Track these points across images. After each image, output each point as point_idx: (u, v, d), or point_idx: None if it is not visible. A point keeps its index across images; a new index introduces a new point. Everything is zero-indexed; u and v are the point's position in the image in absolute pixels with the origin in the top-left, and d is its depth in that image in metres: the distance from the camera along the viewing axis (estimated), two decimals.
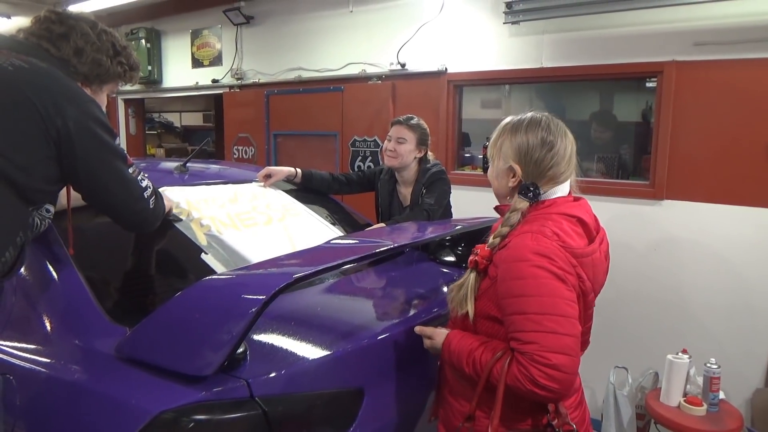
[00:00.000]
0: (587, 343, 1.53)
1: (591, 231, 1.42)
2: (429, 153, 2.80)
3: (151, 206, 1.63)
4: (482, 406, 1.40)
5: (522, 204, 1.39)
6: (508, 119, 1.48)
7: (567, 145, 1.42)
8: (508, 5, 3.37)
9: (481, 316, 1.42)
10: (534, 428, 1.39)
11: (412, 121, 2.72)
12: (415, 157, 2.73)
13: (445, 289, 2.18)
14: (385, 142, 2.75)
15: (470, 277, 1.42)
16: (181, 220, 1.98)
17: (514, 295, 1.29)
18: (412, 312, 1.86)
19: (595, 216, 1.49)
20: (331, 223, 2.44)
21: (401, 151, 2.68)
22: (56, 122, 1.37)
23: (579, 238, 1.37)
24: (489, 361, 1.33)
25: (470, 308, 1.41)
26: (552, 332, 1.23)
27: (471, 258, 1.43)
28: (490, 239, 1.42)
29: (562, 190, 1.43)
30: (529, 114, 1.45)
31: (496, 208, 1.53)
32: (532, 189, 1.39)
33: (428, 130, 2.78)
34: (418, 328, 1.59)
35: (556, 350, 1.22)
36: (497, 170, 1.47)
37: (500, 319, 1.36)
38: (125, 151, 1.58)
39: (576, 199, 1.46)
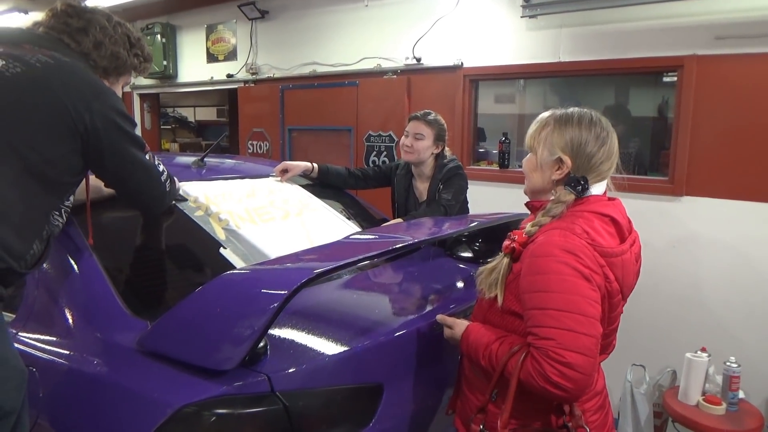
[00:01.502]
0: (612, 346, 1.49)
1: (623, 231, 1.39)
2: (446, 148, 2.79)
3: (167, 189, 1.70)
4: (495, 399, 1.39)
5: (568, 197, 1.36)
6: (550, 112, 1.45)
7: (615, 142, 1.41)
8: None
9: (504, 311, 1.40)
10: (545, 427, 1.37)
11: (430, 117, 2.71)
12: (432, 153, 2.71)
13: (461, 284, 2.18)
14: (402, 137, 2.73)
15: (503, 262, 1.40)
16: (185, 200, 2.00)
17: (536, 290, 1.28)
18: (429, 308, 1.85)
19: (628, 218, 1.47)
20: (348, 218, 2.44)
21: (418, 147, 2.67)
22: (84, 117, 1.39)
23: (610, 238, 1.35)
24: (505, 354, 1.33)
25: (499, 293, 1.38)
26: (570, 330, 1.21)
27: (506, 243, 1.40)
28: (528, 227, 1.39)
29: (599, 188, 1.41)
30: (576, 108, 1.43)
31: (528, 205, 1.49)
32: (582, 183, 1.36)
33: (446, 125, 2.77)
34: (440, 317, 1.59)
35: (572, 348, 1.20)
36: (540, 161, 1.42)
37: (520, 314, 1.34)
38: (143, 139, 1.61)
39: (610, 199, 1.43)
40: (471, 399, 1.50)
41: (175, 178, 1.93)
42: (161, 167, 1.67)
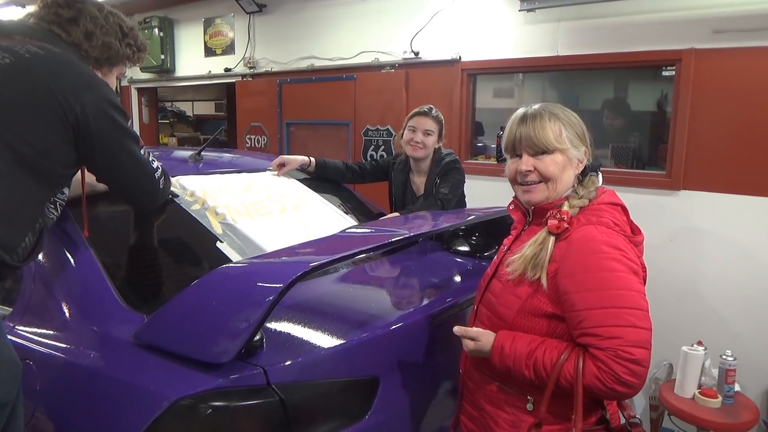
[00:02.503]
0: None
1: (630, 219, 1.39)
2: (443, 147, 2.80)
3: (161, 186, 1.68)
4: (528, 412, 1.34)
5: (598, 181, 1.38)
6: (538, 107, 1.39)
7: None
8: None
9: (530, 313, 1.34)
10: (599, 423, 1.35)
11: (434, 112, 2.72)
12: (434, 150, 2.73)
13: (458, 278, 2.18)
14: (406, 132, 2.70)
15: (548, 241, 1.31)
16: (177, 196, 1.99)
17: (587, 289, 1.23)
18: (426, 301, 1.86)
19: None
20: (345, 212, 2.44)
21: (429, 143, 2.67)
22: (74, 108, 1.38)
23: (628, 228, 1.35)
24: (556, 361, 1.25)
25: (543, 275, 1.30)
26: (633, 326, 1.19)
27: (553, 223, 1.31)
28: (566, 206, 1.34)
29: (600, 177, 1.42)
30: (536, 105, 1.41)
31: (539, 208, 1.40)
32: (598, 165, 1.39)
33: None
34: (459, 329, 1.43)
35: (638, 344, 1.19)
36: (566, 160, 1.36)
37: (558, 316, 1.29)
38: (137, 133, 1.60)
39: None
40: (501, 415, 1.40)
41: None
42: (156, 163, 1.66)
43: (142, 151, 1.59)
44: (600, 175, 1.42)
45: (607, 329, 1.20)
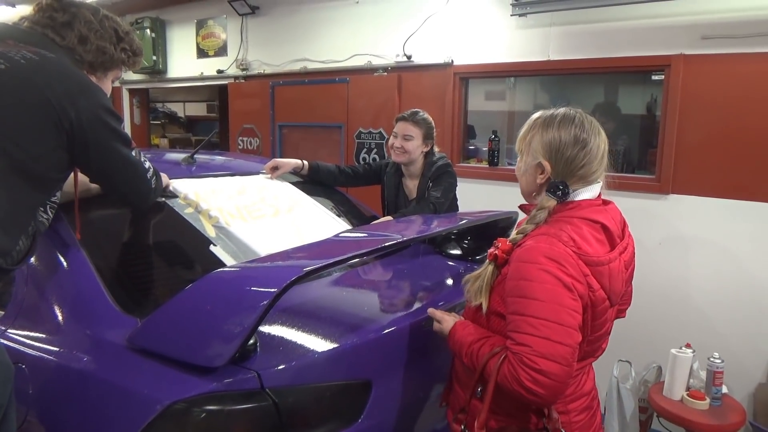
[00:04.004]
0: (601, 350, 1.49)
1: (614, 238, 1.38)
2: (436, 148, 2.81)
3: (153, 186, 1.70)
4: (476, 398, 1.40)
5: (549, 202, 1.35)
6: (539, 113, 1.43)
7: (600, 143, 1.37)
8: None
9: (490, 311, 1.42)
10: (523, 427, 1.39)
11: (417, 116, 2.71)
12: (422, 152, 2.73)
13: (450, 281, 2.19)
14: (391, 137, 2.74)
15: (488, 269, 1.41)
16: (176, 197, 2.01)
17: (518, 295, 1.28)
18: (418, 305, 1.87)
19: (623, 222, 1.46)
20: (338, 215, 2.44)
21: (409, 147, 2.68)
22: (69, 113, 1.39)
23: (599, 245, 1.34)
24: (486, 355, 1.34)
25: (484, 301, 1.40)
26: (546, 338, 1.22)
27: (491, 251, 1.41)
28: (513, 234, 1.40)
29: (592, 191, 1.38)
30: (562, 109, 1.41)
31: (522, 207, 1.49)
32: (561, 188, 1.35)
33: (433, 123, 2.78)
34: (431, 310, 1.60)
35: (546, 356, 1.21)
36: (525, 166, 1.42)
37: (504, 316, 1.35)
38: (129, 135, 1.61)
39: (605, 203, 1.42)
40: (459, 394, 1.52)
41: (165, 175, 1.94)
42: (147, 164, 1.67)
43: (133, 153, 1.60)
44: (593, 189, 1.39)
45: (520, 335, 1.25)
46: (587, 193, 1.38)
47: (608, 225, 1.36)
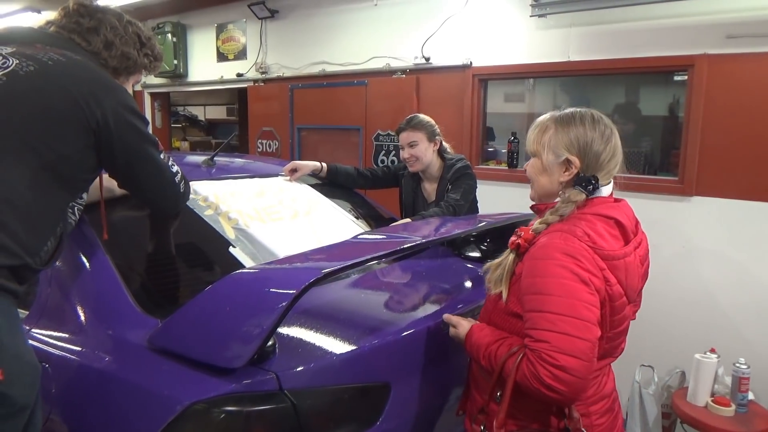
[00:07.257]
0: (620, 349, 1.48)
1: (628, 233, 1.39)
2: (445, 144, 2.79)
3: (181, 190, 1.70)
4: (495, 402, 1.39)
5: (579, 196, 1.35)
6: (549, 115, 1.45)
7: (619, 140, 1.42)
8: None
9: (505, 312, 1.41)
10: (544, 428, 1.37)
11: (414, 121, 2.72)
12: (433, 152, 2.72)
13: (469, 284, 2.18)
14: (401, 152, 2.75)
15: (509, 258, 1.41)
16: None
17: (534, 292, 1.28)
18: (437, 308, 1.86)
19: (636, 219, 1.46)
20: (356, 218, 2.45)
21: (417, 153, 2.69)
22: (95, 113, 1.40)
23: (614, 240, 1.34)
24: (504, 355, 1.34)
25: (504, 289, 1.40)
26: (564, 334, 1.21)
27: (513, 239, 1.41)
28: (536, 224, 1.39)
29: (606, 189, 1.40)
30: (574, 108, 1.43)
31: (534, 207, 1.49)
32: (593, 182, 1.36)
33: (432, 120, 2.77)
34: (446, 316, 1.61)
35: (566, 352, 1.20)
36: (547, 165, 1.42)
37: (521, 316, 1.34)
38: (156, 138, 1.62)
39: (616, 201, 1.43)
40: (477, 399, 1.51)
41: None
42: (175, 168, 1.67)
43: (162, 156, 1.60)
44: (608, 187, 1.41)
45: (538, 332, 1.24)
46: (605, 190, 1.40)
47: (622, 220, 1.37)
